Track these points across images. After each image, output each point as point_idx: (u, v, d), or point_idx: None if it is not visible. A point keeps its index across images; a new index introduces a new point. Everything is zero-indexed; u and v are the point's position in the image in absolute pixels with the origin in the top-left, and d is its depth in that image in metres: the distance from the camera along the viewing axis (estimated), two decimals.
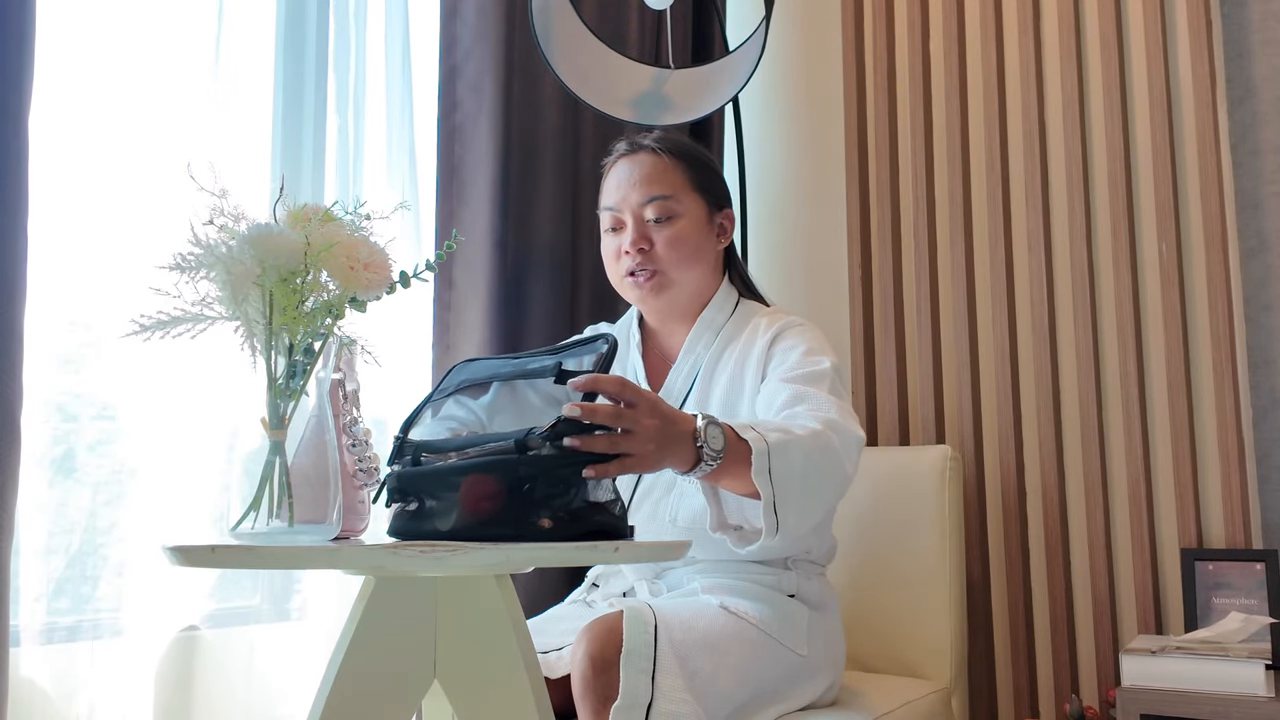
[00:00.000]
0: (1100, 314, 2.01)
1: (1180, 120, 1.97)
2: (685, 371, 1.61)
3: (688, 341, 1.63)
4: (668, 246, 1.58)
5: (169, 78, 1.61)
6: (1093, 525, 1.97)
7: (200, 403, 1.55)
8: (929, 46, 2.27)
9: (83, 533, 1.46)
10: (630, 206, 1.59)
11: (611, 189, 1.63)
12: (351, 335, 1.13)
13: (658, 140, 1.65)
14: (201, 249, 1.02)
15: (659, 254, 1.58)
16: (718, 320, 1.64)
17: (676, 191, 1.60)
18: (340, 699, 1.02)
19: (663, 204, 1.59)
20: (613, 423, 1.09)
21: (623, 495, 1.53)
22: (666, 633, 1.29)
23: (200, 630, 1.54)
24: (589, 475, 1.05)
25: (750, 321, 1.63)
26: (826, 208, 2.41)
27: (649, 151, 1.62)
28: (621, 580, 1.62)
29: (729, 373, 1.58)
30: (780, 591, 1.52)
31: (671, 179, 1.61)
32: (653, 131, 1.72)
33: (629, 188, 1.60)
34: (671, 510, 1.53)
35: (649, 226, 1.59)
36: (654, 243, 1.58)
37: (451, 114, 1.93)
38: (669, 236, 1.59)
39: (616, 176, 1.63)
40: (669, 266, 1.59)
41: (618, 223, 1.61)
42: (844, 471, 1.35)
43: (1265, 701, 1.51)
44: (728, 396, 1.56)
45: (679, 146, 1.65)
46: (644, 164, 1.61)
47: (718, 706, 1.32)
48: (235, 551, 0.97)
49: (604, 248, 1.65)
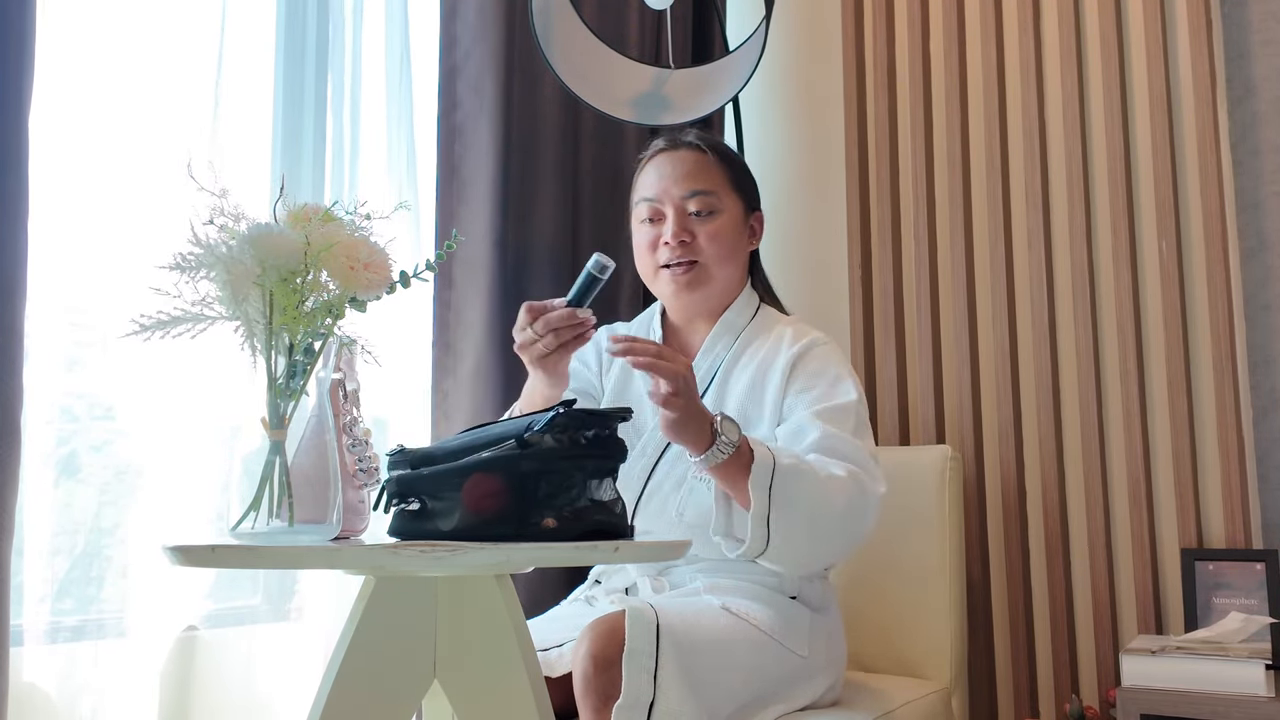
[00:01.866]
0: (1100, 313, 2.01)
1: (1180, 120, 1.97)
2: (703, 370, 1.62)
3: (708, 341, 1.63)
4: (709, 241, 1.60)
5: (169, 77, 1.61)
6: (1093, 525, 1.97)
7: (201, 403, 1.55)
8: (929, 46, 2.27)
9: (86, 533, 1.46)
10: (673, 199, 1.60)
11: (652, 181, 1.63)
12: (351, 335, 1.13)
13: (700, 138, 1.67)
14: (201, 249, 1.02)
15: (700, 247, 1.60)
16: (739, 322, 1.65)
17: (718, 188, 1.62)
18: (340, 699, 1.02)
19: (705, 199, 1.61)
20: (659, 359, 1.24)
21: (632, 491, 1.54)
22: (669, 632, 1.29)
23: (201, 630, 1.55)
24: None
25: (773, 330, 1.63)
26: (826, 208, 2.41)
27: (691, 148, 1.64)
28: (624, 576, 1.62)
29: (748, 377, 1.59)
30: (782, 593, 1.52)
31: (714, 176, 1.63)
32: (686, 130, 1.73)
33: (672, 181, 1.61)
34: (679, 506, 1.53)
35: (690, 220, 1.60)
36: (694, 235, 1.60)
37: (451, 114, 1.93)
38: (710, 231, 1.60)
39: (658, 169, 1.64)
40: (708, 260, 1.60)
41: (656, 214, 1.62)
42: (859, 528, 1.43)
43: (1265, 701, 1.51)
44: (745, 401, 1.57)
45: (720, 146, 1.68)
46: (687, 160, 1.63)
47: (719, 707, 1.32)
48: (235, 551, 0.97)
49: (638, 239, 1.65)
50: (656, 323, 1.70)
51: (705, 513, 1.47)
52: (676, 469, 1.55)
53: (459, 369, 1.86)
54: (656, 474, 1.57)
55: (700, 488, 1.50)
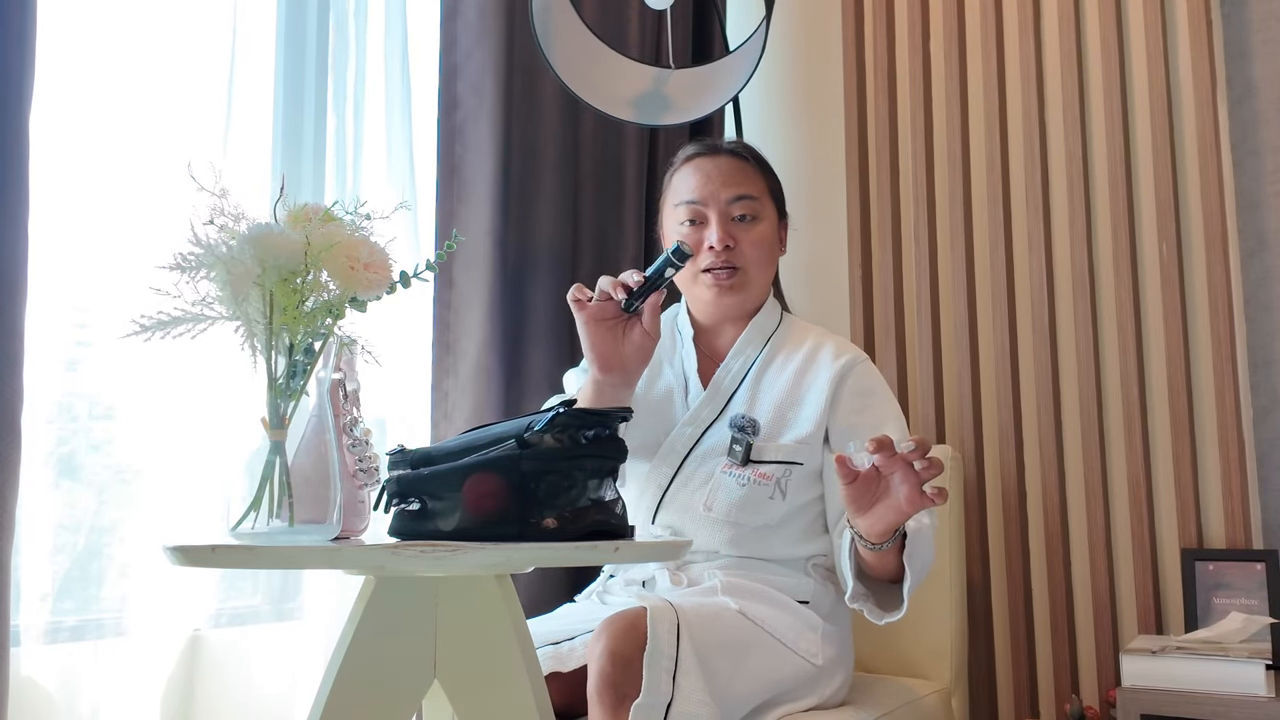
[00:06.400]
0: (1100, 314, 2.01)
1: (1180, 120, 1.97)
2: (735, 371, 1.63)
3: (738, 343, 1.65)
4: (752, 246, 1.62)
5: (169, 77, 1.60)
6: (1093, 525, 1.97)
7: (201, 403, 1.55)
8: (929, 46, 2.27)
9: (87, 533, 1.46)
10: (718, 203, 1.61)
11: (694, 184, 1.63)
12: (351, 335, 1.13)
13: (738, 145, 1.69)
14: (202, 249, 1.02)
15: (744, 252, 1.61)
16: (767, 327, 1.67)
17: (760, 195, 1.64)
18: (340, 699, 1.02)
19: (749, 204, 1.62)
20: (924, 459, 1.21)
21: (658, 486, 1.55)
22: (688, 632, 1.30)
23: (202, 630, 1.55)
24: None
25: (805, 339, 1.65)
26: (827, 208, 2.41)
27: (731, 155, 1.66)
28: (643, 568, 1.63)
29: (786, 382, 1.60)
30: (795, 598, 1.54)
31: (756, 182, 1.65)
32: (714, 137, 1.74)
33: (717, 184, 1.62)
34: (707, 500, 1.54)
35: (733, 225, 1.61)
36: (738, 241, 1.61)
37: (452, 113, 1.93)
38: (754, 237, 1.62)
39: (699, 172, 1.64)
40: (750, 265, 1.62)
41: (699, 216, 1.62)
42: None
43: (1265, 701, 1.51)
44: (783, 403, 1.59)
45: (757, 153, 1.70)
46: (728, 165, 1.64)
47: (734, 710, 1.34)
48: (235, 551, 0.97)
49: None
50: (684, 318, 1.71)
51: (732, 505, 1.52)
52: (705, 465, 1.56)
53: (459, 369, 1.86)
54: (684, 470, 1.58)
55: (727, 482, 1.53)
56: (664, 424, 1.61)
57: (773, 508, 1.53)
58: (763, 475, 1.52)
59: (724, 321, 1.67)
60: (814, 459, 1.56)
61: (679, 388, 1.64)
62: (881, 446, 1.20)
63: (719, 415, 1.59)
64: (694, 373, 1.65)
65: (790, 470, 1.54)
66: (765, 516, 1.53)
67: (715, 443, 1.57)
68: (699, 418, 1.60)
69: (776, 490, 1.52)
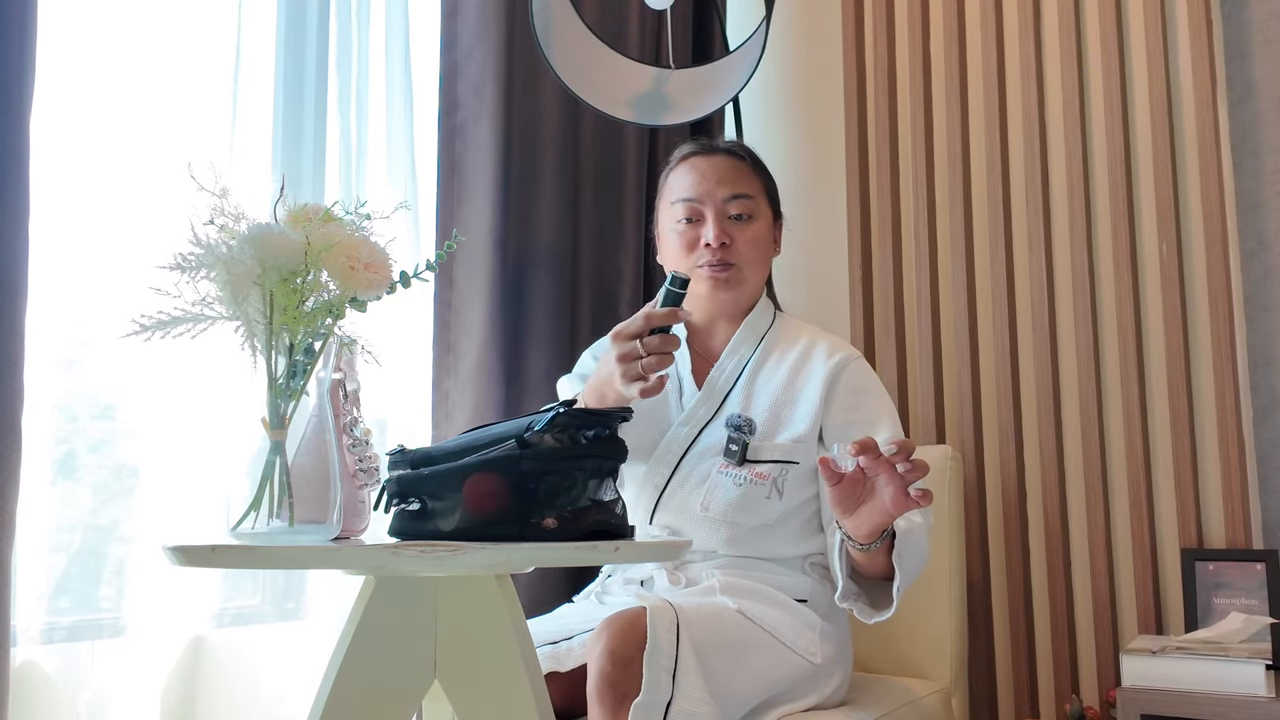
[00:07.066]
0: (1100, 314, 2.01)
1: (1180, 120, 1.97)
2: (729, 369, 1.64)
3: (733, 342, 1.66)
4: (747, 245, 1.63)
5: (170, 77, 1.61)
6: (1093, 525, 1.97)
7: (200, 403, 1.55)
8: (929, 46, 2.27)
9: (84, 532, 1.46)
10: (715, 201, 1.62)
11: (691, 182, 1.64)
12: (352, 335, 1.13)
13: (734, 145, 1.70)
14: (202, 249, 1.02)
15: (739, 250, 1.62)
16: (760, 326, 1.67)
17: (756, 194, 1.66)
18: (340, 699, 1.02)
19: (745, 203, 1.63)
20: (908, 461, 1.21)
21: (655, 487, 1.55)
22: (688, 632, 1.30)
23: (202, 630, 1.55)
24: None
25: (798, 338, 1.66)
26: (827, 208, 2.41)
27: (728, 155, 1.67)
28: (641, 567, 1.63)
29: (780, 381, 1.61)
30: (793, 597, 1.54)
31: (752, 182, 1.67)
32: (710, 138, 1.75)
33: (714, 183, 1.63)
34: (704, 500, 1.55)
35: (730, 224, 1.63)
36: (734, 239, 1.62)
37: (452, 113, 1.93)
38: (749, 235, 1.63)
39: (696, 170, 1.65)
40: (745, 263, 1.63)
41: (696, 214, 1.63)
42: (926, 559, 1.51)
43: (1265, 701, 1.51)
44: (778, 401, 1.59)
45: (753, 154, 1.72)
46: (724, 164, 1.65)
47: (734, 709, 1.33)
48: (235, 551, 0.97)
49: (673, 240, 1.66)
50: None
51: (729, 504, 1.52)
52: (701, 465, 1.57)
53: (460, 369, 1.87)
54: (681, 470, 1.58)
55: (724, 481, 1.54)
56: (659, 424, 1.62)
57: (770, 507, 1.53)
58: (759, 475, 1.53)
59: (717, 319, 1.68)
60: (810, 458, 1.56)
61: (673, 388, 1.65)
62: (865, 449, 1.20)
63: (714, 415, 1.60)
64: (688, 373, 1.65)
65: (787, 469, 1.54)
66: (762, 516, 1.53)
67: (711, 442, 1.57)
68: (694, 417, 1.60)
69: (773, 489, 1.53)
